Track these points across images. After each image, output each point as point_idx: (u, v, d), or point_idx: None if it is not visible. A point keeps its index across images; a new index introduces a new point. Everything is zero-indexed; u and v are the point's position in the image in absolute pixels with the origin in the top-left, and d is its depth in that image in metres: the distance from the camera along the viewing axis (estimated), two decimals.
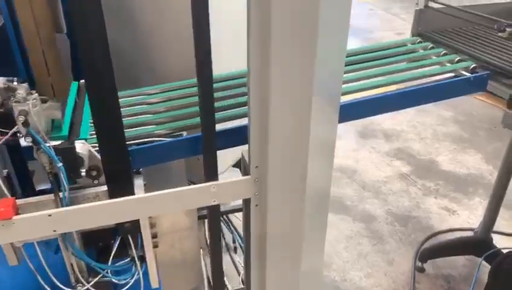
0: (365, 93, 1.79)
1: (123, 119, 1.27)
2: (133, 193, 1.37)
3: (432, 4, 2.26)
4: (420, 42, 2.25)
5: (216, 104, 1.60)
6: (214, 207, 1.44)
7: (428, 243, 2.92)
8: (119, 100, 1.23)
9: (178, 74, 1.87)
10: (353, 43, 6.85)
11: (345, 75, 1.95)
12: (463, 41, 2.17)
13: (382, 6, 8.84)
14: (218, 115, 1.54)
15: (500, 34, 1.92)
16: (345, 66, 1.95)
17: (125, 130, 1.51)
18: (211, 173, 1.36)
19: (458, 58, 2.00)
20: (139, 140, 1.48)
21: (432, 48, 2.17)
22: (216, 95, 1.65)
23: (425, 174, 3.74)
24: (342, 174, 3.74)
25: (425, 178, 3.69)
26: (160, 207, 1.36)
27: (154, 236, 1.85)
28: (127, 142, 1.50)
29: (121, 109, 1.66)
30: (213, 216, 1.48)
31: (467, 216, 3.23)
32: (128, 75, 1.65)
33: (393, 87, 1.94)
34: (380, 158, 3.98)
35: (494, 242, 2.63)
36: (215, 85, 1.33)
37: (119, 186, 1.35)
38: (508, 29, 1.87)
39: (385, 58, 2.14)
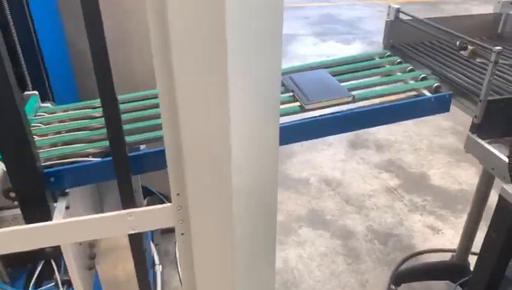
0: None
1: (60, 135, 1.19)
2: (49, 218, 1.30)
3: (402, 16, 2.14)
4: (389, 56, 2.13)
5: (142, 124, 1.52)
6: (135, 235, 1.37)
7: (406, 265, 2.79)
8: (62, 113, 1.16)
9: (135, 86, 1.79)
10: (358, 48, 6.74)
11: None
12: (431, 56, 2.04)
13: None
14: (144, 135, 1.47)
15: (461, 52, 1.79)
16: None
17: (50, 149, 1.44)
18: (127, 200, 1.29)
19: (423, 75, 1.88)
20: (64, 160, 1.42)
21: (400, 62, 2.05)
22: (142, 113, 1.57)
23: (414, 188, 3.59)
24: (327, 187, 3.62)
25: (413, 193, 3.54)
26: (73, 235, 1.28)
27: (92, 257, 1.78)
28: (49, 163, 1.43)
29: (58, 124, 1.59)
30: (135, 245, 1.40)
31: (452, 236, 3.07)
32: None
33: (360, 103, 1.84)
34: (368, 170, 3.84)
35: (471, 266, 2.48)
36: (143, 102, 1.25)
37: (33, 211, 1.29)
38: (470, 47, 1.74)
39: (352, 72, 2.03)
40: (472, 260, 2.51)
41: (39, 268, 1.46)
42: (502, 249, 1.41)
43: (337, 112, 1.60)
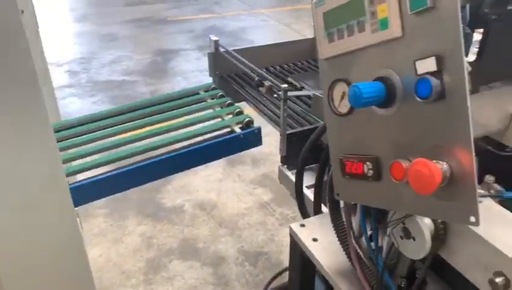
0: None
1: None
2: None
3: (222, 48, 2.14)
4: (214, 89, 2.12)
5: None
6: None
7: (273, 285, 2.82)
8: None
9: None
10: None
11: (114, 138, 1.74)
12: (248, 89, 2.07)
13: (276, 17, 8.90)
14: None
15: (260, 89, 1.82)
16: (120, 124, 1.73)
17: None
18: None
19: (238, 110, 1.89)
20: None
21: (222, 96, 2.04)
22: None
23: (286, 200, 3.67)
24: (201, 212, 3.56)
25: (285, 205, 3.62)
26: None
27: None
28: None
29: None
30: None
31: None
32: None
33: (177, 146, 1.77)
34: (244, 187, 3.86)
35: None
36: None
37: None
38: (265, 84, 1.78)
39: (175, 109, 1.97)
40: None
41: None
42: (301, 284, 1.44)
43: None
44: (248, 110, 2.25)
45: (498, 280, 0.80)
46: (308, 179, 1.60)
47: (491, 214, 0.89)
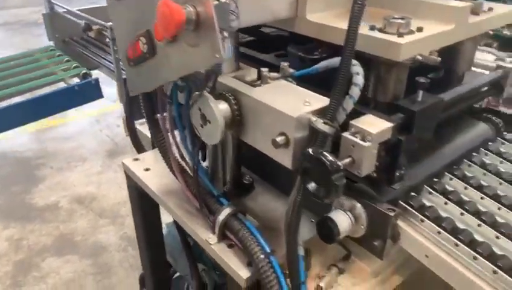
0: None
1: None
2: None
3: (58, 8, 2.00)
4: (52, 50, 1.96)
5: None
6: None
7: None
8: None
9: None
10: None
11: None
12: (101, 54, 1.95)
13: None
14: None
15: (90, 33, 1.73)
16: None
17: None
18: None
19: (75, 64, 1.76)
20: None
21: (60, 55, 1.90)
22: None
23: None
24: (79, 206, 3.31)
25: None
26: None
27: None
28: None
29: None
30: None
31: None
32: None
33: None
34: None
35: None
36: None
37: None
38: (94, 28, 1.69)
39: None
40: None
41: None
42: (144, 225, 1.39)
43: None
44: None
45: (279, 138, 0.81)
46: None
47: (280, 88, 0.92)
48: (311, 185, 0.81)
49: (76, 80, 1.64)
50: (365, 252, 0.97)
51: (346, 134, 0.83)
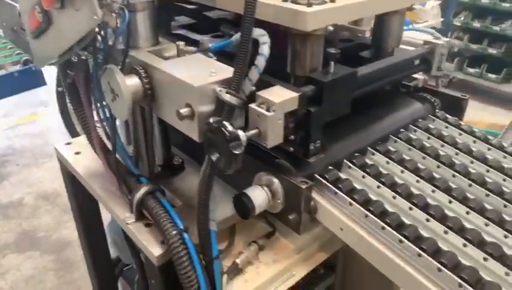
0: None
1: None
2: None
3: None
4: None
5: None
6: None
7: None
8: None
9: None
10: None
11: None
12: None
13: None
14: None
15: None
16: None
17: None
18: None
19: (18, 51, 1.72)
20: None
21: (5, 43, 1.85)
22: None
23: None
24: (44, 202, 3.25)
25: None
26: None
27: None
28: None
29: None
30: None
31: None
32: None
33: None
34: None
35: None
36: None
37: None
38: None
39: None
40: None
41: None
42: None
43: None
44: None
45: (183, 110, 0.80)
46: None
47: (192, 61, 0.90)
48: (216, 156, 0.79)
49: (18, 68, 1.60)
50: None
51: (252, 105, 0.82)
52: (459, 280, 0.72)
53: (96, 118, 1.02)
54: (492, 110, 4.66)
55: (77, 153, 1.23)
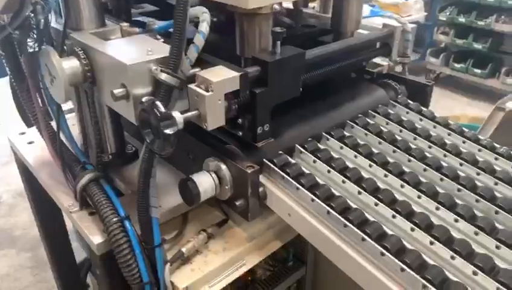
0: None
1: None
2: None
3: None
4: None
5: None
6: None
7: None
8: None
9: None
10: None
11: None
12: None
13: None
14: None
15: None
16: None
17: None
18: None
19: None
20: None
21: None
22: None
23: None
24: (22, 199, 3.19)
25: None
26: None
27: None
28: None
29: None
30: None
31: None
32: None
33: None
34: None
35: None
36: None
37: None
38: None
39: None
40: None
41: None
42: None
43: None
44: None
45: (116, 90, 0.76)
46: None
47: (133, 41, 0.87)
48: (150, 137, 0.76)
49: None
50: None
51: (191, 85, 0.79)
52: (402, 265, 0.69)
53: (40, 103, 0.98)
54: (477, 105, 4.66)
55: (30, 143, 1.19)
